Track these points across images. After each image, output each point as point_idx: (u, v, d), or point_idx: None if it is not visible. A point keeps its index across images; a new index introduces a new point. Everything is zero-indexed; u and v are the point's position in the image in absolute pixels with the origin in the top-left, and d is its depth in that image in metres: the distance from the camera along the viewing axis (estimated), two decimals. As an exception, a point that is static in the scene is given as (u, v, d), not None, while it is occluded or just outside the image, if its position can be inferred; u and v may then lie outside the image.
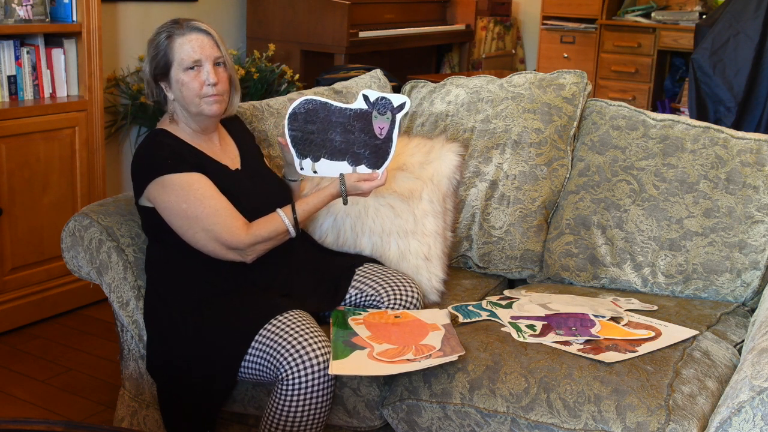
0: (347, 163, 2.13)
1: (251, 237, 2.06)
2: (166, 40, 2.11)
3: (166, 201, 2.07)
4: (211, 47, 2.12)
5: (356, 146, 2.12)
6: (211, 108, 2.13)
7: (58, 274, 3.39)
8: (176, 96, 2.14)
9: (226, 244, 2.06)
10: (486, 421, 1.92)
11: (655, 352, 1.99)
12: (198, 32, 2.12)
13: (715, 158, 2.45)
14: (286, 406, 1.94)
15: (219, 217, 2.05)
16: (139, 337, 2.23)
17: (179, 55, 2.10)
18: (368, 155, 2.12)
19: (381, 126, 2.10)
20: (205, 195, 2.06)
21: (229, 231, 2.05)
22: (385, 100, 2.09)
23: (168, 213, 2.08)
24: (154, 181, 2.07)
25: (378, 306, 2.24)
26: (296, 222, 2.10)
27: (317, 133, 2.12)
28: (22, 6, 3.26)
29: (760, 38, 3.87)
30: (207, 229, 2.05)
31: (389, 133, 2.10)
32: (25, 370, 3.02)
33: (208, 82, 2.10)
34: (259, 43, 4.64)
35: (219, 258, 2.09)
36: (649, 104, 5.51)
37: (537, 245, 2.57)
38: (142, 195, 2.11)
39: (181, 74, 2.10)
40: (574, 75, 2.71)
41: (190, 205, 2.04)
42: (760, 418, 1.51)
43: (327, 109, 2.11)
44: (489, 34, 5.85)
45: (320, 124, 2.12)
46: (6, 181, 3.17)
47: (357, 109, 2.10)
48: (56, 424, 1.50)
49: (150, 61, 2.14)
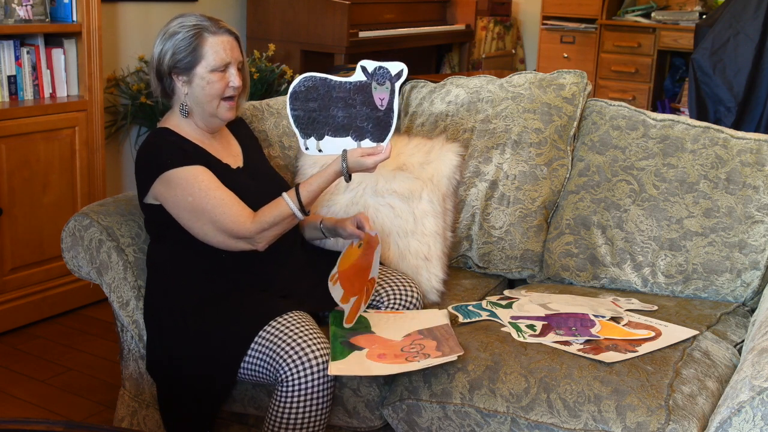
0: (351, 138, 2.09)
1: (257, 224, 2.05)
2: (195, 37, 2.09)
3: (172, 196, 2.07)
4: (238, 50, 2.15)
5: (359, 120, 2.07)
6: (228, 113, 2.15)
7: (58, 274, 3.39)
8: (195, 93, 2.12)
9: (233, 234, 2.05)
10: (486, 421, 1.92)
11: (655, 352, 1.99)
12: (229, 34, 2.14)
13: (715, 158, 2.45)
14: (286, 407, 1.94)
15: (225, 208, 2.04)
16: (139, 337, 2.23)
17: (210, 55, 2.09)
18: (371, 128, 2.07)
19: (381, 96, 2.06)
20: (209, 187, 2.06)
21: (235, 221, 2.04)
22: (383, 69, 2.05)
23: (175, 208, 2.08)
24: (159, 177, 2.07)
25: (378, 306, 2.24)
26: (301, 204, 2.06)
27: (319, 110, 2.09)
28: (22, 6, 3.26)
29: (760, 38, 3.87)
30: (213, 220, 2.04)
31: (390, 104, 2.05)
32: (25, 370, 3.02)
33: (232, 84, 2.12)
34: (259, 43, 4.64)
35: (229, 249, 2.08)
36: (649, 104, 5.51)
37: (537, 245, 2.57)
38: (148, 193, 2.11)
39: (207, 73, 2.10)
40: (574, 75, 2.71)
41: (195, 197, 2.04)
42: (760, 418, 1.51)
43: (327, 84, 2.08)
44: (489, 34, 5.85)
45: (321, 101, 2.08)
46: (6, 181, 3.17)
47: (356, 82, 2.06)
48: (56, 424, 1.50)
49: (169, 54, 2.11)
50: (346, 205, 2.42)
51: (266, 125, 2.63)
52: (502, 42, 6.01)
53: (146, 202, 2.15)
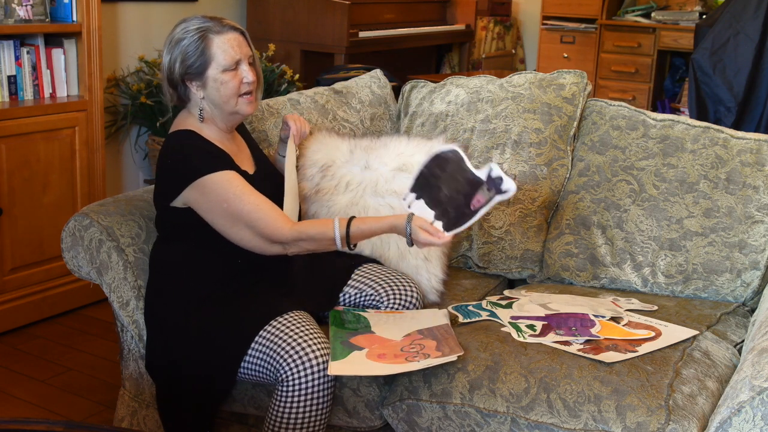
0: (434, 212, 2.07)
1: (296, 232, 2.02)
2: (200, 39, 2.06)
3: (206, 202, 2.04)
4: (246, 45, 2.12)
5: (452, 205, 2.07)
6: (247, 107, 2.13)
7: (58, 274, 3.39)
8: (211, 95, 2.10)
9: (270, 238, 2.03)
10: (486, 421, 1.92)
11: (655, 352, 1.99)
12: (234, 31, 2.10)
13: (715, 158, 2.45)
14: (286, 408, 1.94)
15: (261, 212, 2.02)
16: (139, 337, 2.23)
17: (219, 56, 2.07)
18: (452, 216, 2.06)
19: (480, 199, 2.05)
20: (244, 191, 2.04)
21: (273, 225, 2.02)
22: (499, 180, 2.03)
23: (209, 213, 2.05)
24: (193, 184, 2.03)
25: (377, 306, 2.24)
26: (347, 236, 2.02)
27: (437, 179, 2.08)
28: (22, 6, 3.26)
29: (760, 38, 3.87)
30: (250, 224, 2.03)
31: (479, 208, 2.05)
32: (25, 370, 3.02)
33: (246, 80, 2.09)
34: (259, 43, 4.64)
35: (264, 253, 2.07)
36: (649, 104, 5.51)
37: (537, 245, 2.57)
38: (177, 198, 2.07)
39: (219, 74, 2.07)
40: (574, 75, 2.71)
41: (230, 203, 2.02)
42: (760, 418, 1.51)
43: (460, 166, 2.08)
44: (489, 34, 5.85)
45: (446, 175, 2.08)
46: (6, 181, 3.17)
47: (476, 177, 2.06)
48: (56, 424, 1.50)
49: (179, 61, 2.08)
50: (346, 206, 2.42)
51: (266, 125, 2.63)
52: (502, 42, 6.01)
53: (173, 206, 2.10)
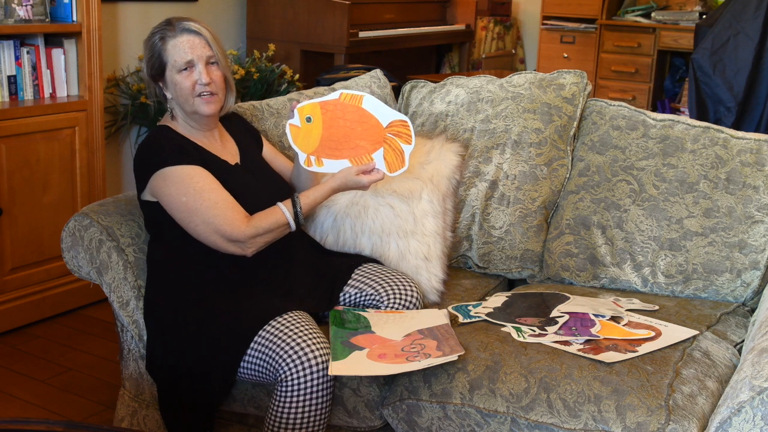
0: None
1: (251, 228, 2.07)
2: (160, 41, 2.15)
3: (167, 194, 2.09)
4: (202, 47, 2.14)
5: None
6: (205, 108, 2.16)
7: (58, 274, 3.39)
8: (173, 95, 2.17)
9: (226, 236, 2.06)
10: (486, 421, 1.92)
11: (655, 352, 1.99)
12: (189, 33, 2.14)
13: (715, 158, 2.45)
14: (286, 408, 1.94)
15: (218, 209, 2.06)
16: (139, 337, 2.23)
17: (172, 57, 2.13)
18: None
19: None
20: (204, 188, 2.07)
21: (229, 223, 2.06)
22: None
23: (169, 206, 2.10)
24: (156, 173, 2.09)
25: (377, 306, 2.24)
26: (297, 215, 2.11)
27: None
28: (22, 6, 3.26)
29: (760, 38, 3.87)
30: (207, 221, 2.06)
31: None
32: (25, 370, 3.02)
33: (200, 81, 2.13)
34: (259, 43, 4.64)
35: (221, 250, 2.10)
36: (649, 104, 5.51)
37: (537, 245, 2.57)
38: (145, 189, 2.13)
39: (175, 75, 2.14)
40: (574, 75, 2.71)
41: (189, 198, 2.06)
42: (760, 418, 1.51)
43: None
44: (489, 34, 5.85)
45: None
46: (6, 181, 3.17)
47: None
48: (56, 424, 1.50)
49: (146, 62, 2.19)
50: (346, 206, 2.42)
51: (266, 125, 2.63)
52: (502, 42, 6.01)
53: (144, 199, 2.16)
